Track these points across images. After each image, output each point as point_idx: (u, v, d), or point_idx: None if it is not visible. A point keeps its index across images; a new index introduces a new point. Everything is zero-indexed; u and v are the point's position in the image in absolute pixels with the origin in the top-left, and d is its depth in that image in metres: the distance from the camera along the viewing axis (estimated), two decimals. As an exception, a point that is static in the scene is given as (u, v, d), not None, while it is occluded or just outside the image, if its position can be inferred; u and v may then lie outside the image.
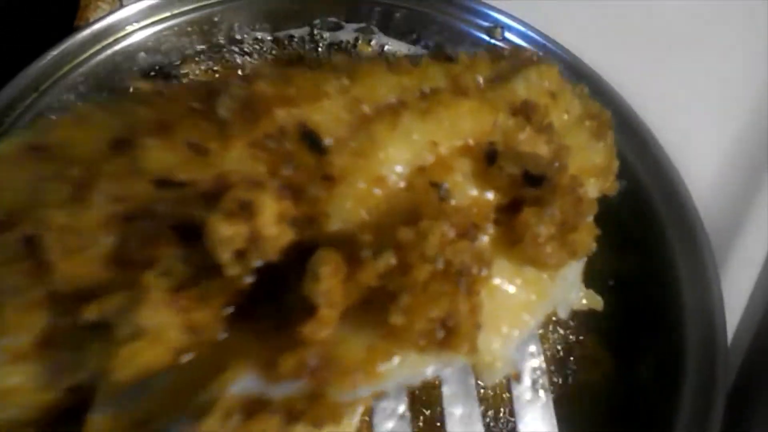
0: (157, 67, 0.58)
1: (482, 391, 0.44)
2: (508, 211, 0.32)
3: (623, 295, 0.53)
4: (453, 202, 0.31)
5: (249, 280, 0.30)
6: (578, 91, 0.40)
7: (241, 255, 0.29)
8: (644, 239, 0.54)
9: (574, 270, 0.34)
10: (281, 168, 0.31)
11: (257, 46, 0.61)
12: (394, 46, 0.61)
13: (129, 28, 0.56)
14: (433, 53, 0.38)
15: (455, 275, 0.29)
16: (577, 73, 0.59)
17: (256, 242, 0.29)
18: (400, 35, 0.61)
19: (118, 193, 0.30)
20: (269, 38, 0.61)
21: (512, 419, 0.44)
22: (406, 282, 0.29)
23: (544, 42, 0.62)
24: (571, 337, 0.52)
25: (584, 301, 0.37)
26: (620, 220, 0.53)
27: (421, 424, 0.43)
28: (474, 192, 0.32)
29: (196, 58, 0.60)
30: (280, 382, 0.29)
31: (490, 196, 0.32)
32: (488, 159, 0.31)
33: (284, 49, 0.61)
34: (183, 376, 0.30)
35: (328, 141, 0.31)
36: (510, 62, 0.39)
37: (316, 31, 0.61)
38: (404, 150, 0.31)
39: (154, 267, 0.29)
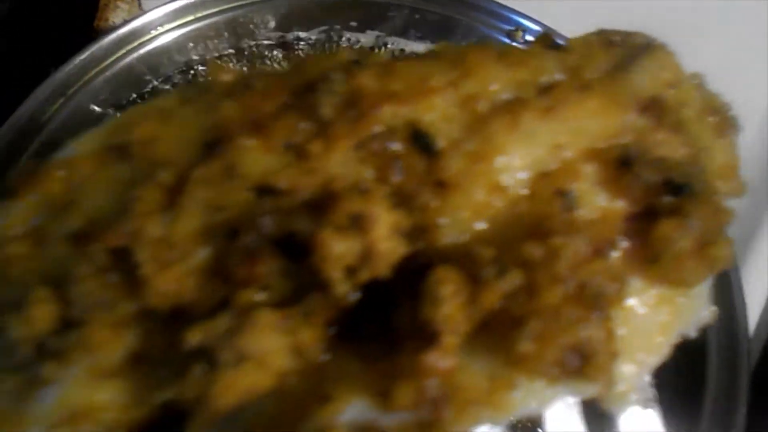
0: (192, 72, 0.59)
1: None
2: (641, 222, 0.28)
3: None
4: (581, 213, 0.28)
5: (354, 297, 0.27)
6: (696, 81, 0.36)
7: (351, 271, 0.26)
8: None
9: (705, 285, 0.31)
10: (389, 173, 0.28)
11: (281, 49, 0.61)
12: (415, 48, 0.60)
13: (153, 32, 0.56)
14: (541, 39, 0.34)
15: (590, 298, 0.26)
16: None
17: (369, 258, 0.26)
18: (423, 40, 0.61)
19: (214, 200, 0.27)
20: (292, 40, 0.62)
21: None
22: (534, 305, 0.26)
23: (564, 44, 0.59)
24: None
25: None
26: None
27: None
28: (603, 201, 0.28)
29: (221, 62, 0.61)
30: (394, 412, 0.26)
31: (620, 204, 0.29)
32: (622, 164, 0.28)
33: (307, 51, 0.61)
34: (284, 402, 0.28)
35: (440, 142, 0.28)
36: (623, 49, 0.35)
37: (343, 35, 0.61)
38: (526, 153, 0.28)
39: (254, 284, 0.26)
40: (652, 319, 0.28)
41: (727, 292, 0.48)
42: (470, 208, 0.28)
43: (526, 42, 0.60)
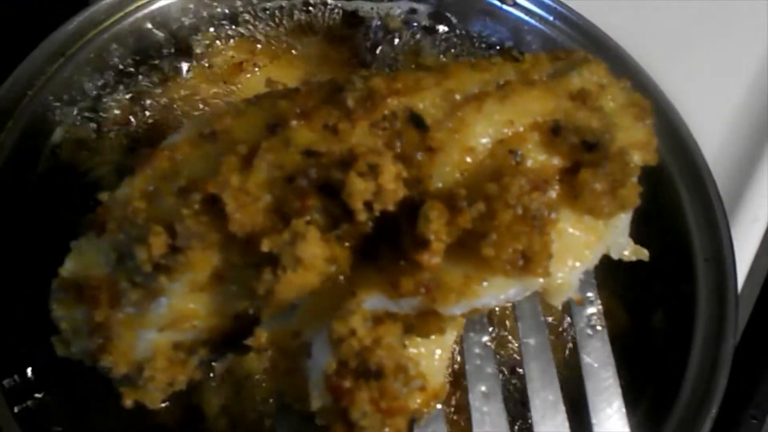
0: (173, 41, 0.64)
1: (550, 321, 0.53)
2: (570, 173, 0.41)
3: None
4: (527, 165, 0.40)
5: (371, 226, 0.40)
6: (622, 84, 0.49)
7: (368, 205, 0.39)
8: (656, 194, 0.57)
9: (623, 220, 0.43)
10: (394, 143, 0.41)
11: (272, 14, 0.68)
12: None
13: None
14: (503, 54, 0.47)
15: (531, 219, 0.38)
16: (587, 35, 0.66)
17: (380, 194, 0.38)
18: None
19: (276, 161, 0.40)
20: (284, 5, 0.68)
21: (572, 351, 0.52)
22: (493, 224, 0.38)
23: (555, 6, 0.69)
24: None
25: (627, 252, 0.46)
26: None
27: (502, 352, 0.52)
28: (543, 157, 0.41)
29: (213, 29, 0.66)
30: (401, 298, 0.38)
31: (556, 161, 0.41)
32: (554, 131, 0.40)
33: (299, 16, 0.68)
34: (323, 299, 0.40)
35: (429, 122, 0.41)
36: (565, 61, 0.48)
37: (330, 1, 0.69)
38: (488, 127, 0.41)
39: (304, 215, 0.39)
40: (580, 239, 0.40)
41: (718, 254, 0.55)
42: (450, 164, 0.40)
43: (517, 5, 0.69)
